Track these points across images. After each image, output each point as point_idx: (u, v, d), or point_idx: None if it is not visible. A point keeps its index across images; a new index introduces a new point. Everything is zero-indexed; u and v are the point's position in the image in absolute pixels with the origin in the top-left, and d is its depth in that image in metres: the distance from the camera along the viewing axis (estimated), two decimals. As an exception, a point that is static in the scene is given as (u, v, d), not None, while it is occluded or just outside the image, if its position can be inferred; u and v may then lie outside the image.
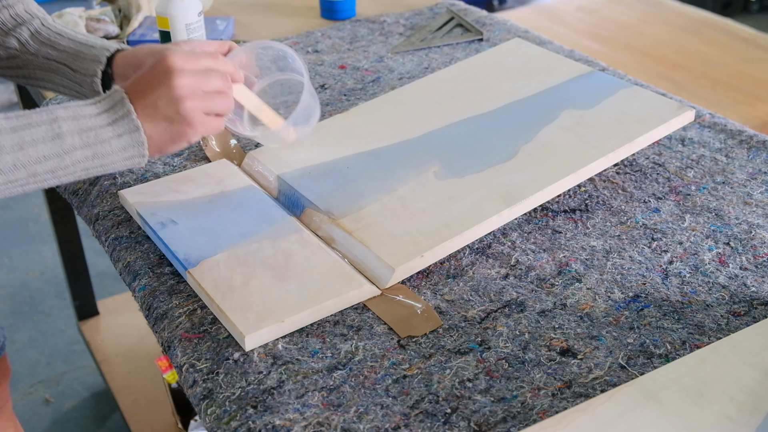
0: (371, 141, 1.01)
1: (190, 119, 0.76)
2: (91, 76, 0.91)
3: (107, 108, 0.75)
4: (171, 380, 1.51)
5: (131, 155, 0.76)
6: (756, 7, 4.06)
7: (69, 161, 0.73)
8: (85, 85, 0.92)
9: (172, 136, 0.77)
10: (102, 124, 0.74)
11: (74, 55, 0.92)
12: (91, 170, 0.75)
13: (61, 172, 0.74)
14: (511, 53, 1.19)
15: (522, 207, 0.88)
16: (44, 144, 0.72)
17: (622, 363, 0.73)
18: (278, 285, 0.81)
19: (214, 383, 0.72)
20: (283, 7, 1.59)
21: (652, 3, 2.65)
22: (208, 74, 0.77)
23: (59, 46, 0.93)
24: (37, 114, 0.73)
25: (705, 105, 1.48)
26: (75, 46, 0.93)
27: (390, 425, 0.67)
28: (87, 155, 0.74)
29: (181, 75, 0.76)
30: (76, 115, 0.74)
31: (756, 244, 0.88)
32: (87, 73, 0.91)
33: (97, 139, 0.74)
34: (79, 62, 0.92)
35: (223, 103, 0.79)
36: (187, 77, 0.76)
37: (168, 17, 1.06)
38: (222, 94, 0.78)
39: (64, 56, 0.93)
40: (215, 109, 0.78)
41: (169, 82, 0.75)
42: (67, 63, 0.92)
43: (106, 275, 2.27)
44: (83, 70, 0.91)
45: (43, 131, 0.72)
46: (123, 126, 0.75)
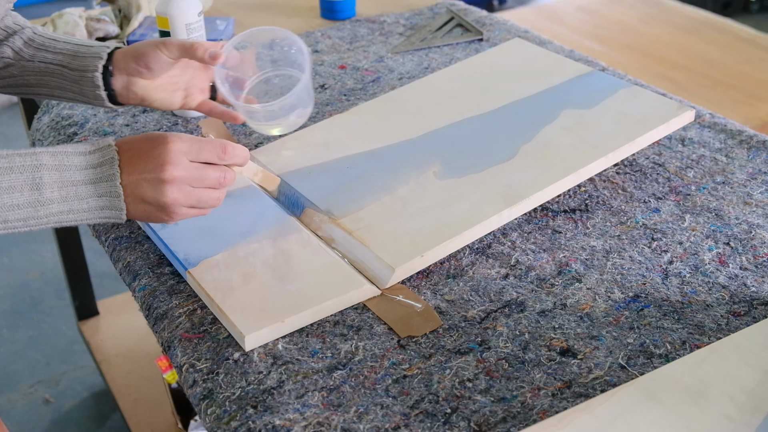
0: (371, 141, 1.01)
1: (169, 211, 0.76)
2: (92, 72, 0.90)
3: (94, 164, 0.75)
4: (171, 380, 1.51)
5: (107, 216, 0.76)
6: (756, 7, 4.06)
7: (43, 213, 0.73)
8: (85, 81, 0.91)
9: (148, 215, 0.77)
10: (84, 181, 0.74)
11: (72, 55, 0.92)
12: (64, 223, 0.75)
13: (32, 222, 0.73)
14: (511, 53, 1.19)
15: (522, 207, 0.88)
16: (21, 193, 0.71)
17: (622, 363, 0.73)
18: (278, 285, 0.81)
19: (214, 383, 0.72)
20: (283, 7, 1.59)
21: (652, 3, 2.65)
22: (204, 169, 0.77)
23: (55, 49, 0.93)
24: (21, 157, 0.72)
25: (705, 105, 1.48)
26: (72, 47, 0.93)
27: (390, 425, 0.67)
28: (62, 209, 0.73)
29: (175, 168, 0.75)
30: (61, 165, 0.73)
31: (756, 244, 0.88)
32: (87, 69, 0.90)
33: (77, 196, 0.73)
34: (77, 61, 0.91)
35: (210, 199, 0.78)
36: (179, 171, 0.75)
37: (168, 17, 1.06)
38: (212, 190, 0.78)
39: (61, 57, 0.92)
40: (200, 204, 0.78)
41: (160, 173, 0.74)
42: (65, 64, 0.92)
43: (106, 275, 2.27)
44: (82, 68, 0.91)
45: (24, 179, 0.71)
46: (105, 188, 0.74)
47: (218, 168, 0.78)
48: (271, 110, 0.89)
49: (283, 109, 0.88)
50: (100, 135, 1.11)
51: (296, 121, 0.93)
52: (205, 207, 0.79)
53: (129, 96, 0.93)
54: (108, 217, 0.76)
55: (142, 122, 1.14)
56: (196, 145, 0.77)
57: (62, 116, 1.17)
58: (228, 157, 0.78)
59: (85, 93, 0.92)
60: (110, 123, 1.14)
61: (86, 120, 1.15)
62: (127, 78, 0.91)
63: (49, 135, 1.15)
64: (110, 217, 0.76)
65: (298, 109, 0.91)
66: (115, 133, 1.11)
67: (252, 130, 1.11)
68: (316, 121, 1.12)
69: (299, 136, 1.04)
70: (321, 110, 1.17)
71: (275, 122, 0.92)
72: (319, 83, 1.25)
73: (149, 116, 1.16)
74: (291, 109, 0.90)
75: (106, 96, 0.92)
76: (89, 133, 1.11)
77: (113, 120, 1.14)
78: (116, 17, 1.42)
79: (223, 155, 0.78)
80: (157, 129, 1.12)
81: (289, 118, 0.91)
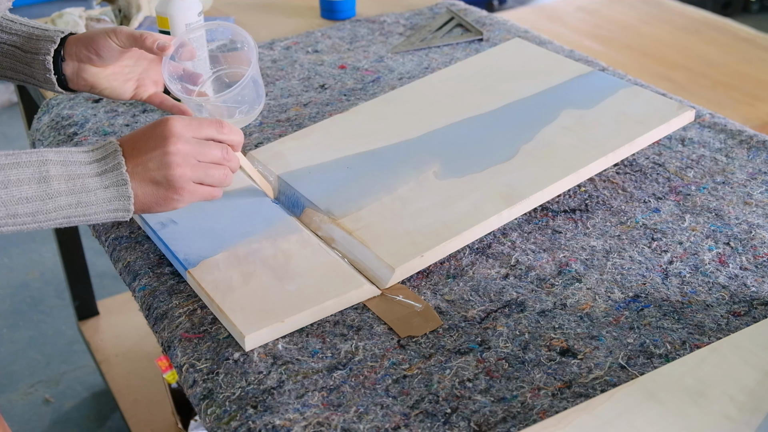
0: (371, 141, 1.01)
1: (177, 186, 0.76)
2: (43, 55, 0.91)
3: (98, 158, 0.75)
4: (171, 380, 1.51)
5: (116, 208, 0.75)
6: (756, 7, 4.06)
7: (52, 206, 0.73)
8: (36, 64, 0.91)
9: (157, 199, 0.77)
10: (90, 174, 0.74)
11: (26, 37, 0.92)
12: (72, 218, 0.74)
13: (41, 217, 0.73)
14: (511, 53, 1.19)
15: (522, 207, 0.88)
16: (29, 185, 0.72)
17: (622, 363, 0.73)
18: (278, 285, 0.81)
19: (214, 383, 0.72)
20: (283, 7, 1.59)
21: (652, 3, 2.65)
22: (207, 144, 0.77)
23: (10, 30, 0.93)
24: (27, 154, 0.73)
25: (705, 105, 1.48)
26: (27, 29, 0.93)
27: (390, 425, 0.67)
28: (71, 203, 0.73)
29: (178, 141, 0.75)
30: (66, 161, 0.74)
31: (756, 244, 0.88)
32: (39, 52, 0.91)
33: (84, 188, 0.73)
34: (31, 43, 0.92)
35: (217, 175, 0.78)
36: (183, 144, 0.76)
37: (168, 17, 1.06)
38: (218, 166, 0.78)
39: (15, 39, 0.93)
40: (208, 180, 0.78)
41: (164, 147, 0.75)
42: (18, 45, 0.92)
43: (106, 275, 2.27)
44: (35, 50, 0.91)
45: (31, 172, 0.72)
46: (111, 178, 0.74)
47: (220, 145, 0.79)
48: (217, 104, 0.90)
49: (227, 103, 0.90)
50: (100, 135, 1.11)
51: (245, 117, 0.94)
52: (213, 184, 0.79)
53: (79, 82, 0.93)
54: (116, 210, 0.75)
55: (142, 122, 1.14)
56: (195, 122, 0.78)
57: (62, 116, 1.17)
58: (226, 131, 0.79)
59: (35, 76, 0.92)
60: (110, 123, 1.14)
61: (86, 120, 1.15)
62: (77, 64, 0.92)
63: (49, 135, 1.15)
64: (118, 209, 0.75)
65: (246, 105, 0.92)
66: (115, 133, 1.11)
67: (252, 130, 1.11)
68: (316, 121, 1.13)
69: (299, 136, 1.04)
70: (321, 110, 1.17)
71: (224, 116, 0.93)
72: (319, 83, 1.25)
73: (149, 116, 1.16)
74: (239, 104, 0.91)
75: (56, 80, 0.92)
76: (89, 133, 1.11)
77: (113, 120, 1.15)
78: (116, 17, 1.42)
79: (222, 129, 0.79)
80: (157, 129, 1.12)
81: (236, 113, 0.92)
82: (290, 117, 1.15)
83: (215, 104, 0.91)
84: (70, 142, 1.10)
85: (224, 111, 0.92)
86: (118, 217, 0.76)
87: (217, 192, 0.80)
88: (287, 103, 1.19)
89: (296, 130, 1.10)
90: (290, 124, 1.13)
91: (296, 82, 1.26)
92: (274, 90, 1.23)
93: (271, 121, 1.14)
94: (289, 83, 1.25)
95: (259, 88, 0.92)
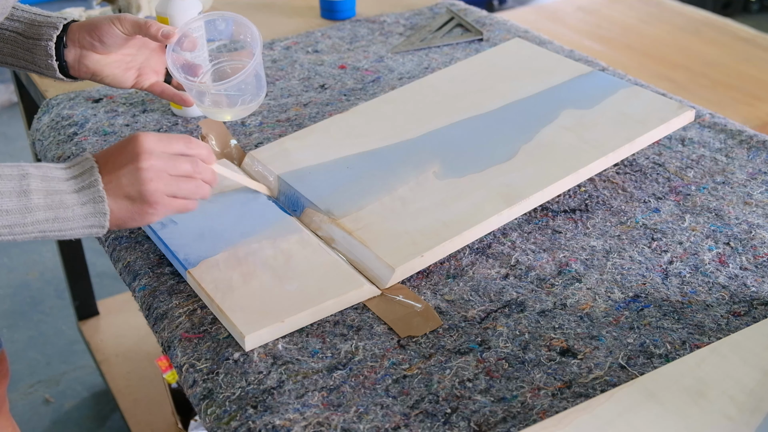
0: (371, 141, 1.01)
1: (151, 201, 0.76)
2: (45, 40, 0.91)
3: (76, 174, 0.75)
4: (171, 380, 1.51)
5: (91, 224, 0.75)
6: (756, 7, 4.06)
7: (30, 220, 0.73)
8: (38, 50, 0.91)
9: (132, 213, 0.77)
10: (68, 190, 0.74)
11: (28, 23, 0.92)
12: (47, 233, 0.75)
13: (18, 230, 0.73)
14: (511, 53, 1.19)
15: (522, 207, 0.88)
16: (9, 198, 0.72)
17: (622, 363, 0.73)
18: (278, 285, 0.81)
19: (214, 383, 0.72)
20: (283, 7, 1.59)
21: (652, 3, 2.65)
22: (177, 158, 0.78)
23: (12, 16, 0.93)
24: (8, 167, 0.73)
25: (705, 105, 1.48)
26: (29, 16, 0.93)
27: (390, 425, 0.67)
28: (48, 217, 0.73)
29: (150, 157, 0.76)
30: (46, 176, 0.74)
31: (756, 244, 0.88)
32: (41, 38, 0.91)
33: (62, 204, 0.74)
34: (33, 29, 0.92)
35: (189, 187, 0.79)
36: (154, 159, 0.76)
37: (168, 17, 1.06)
38: (189, 179, 0.79)
39: (17, 25, 0.93)
40: (180, 193, 0.78)
41: (136, 163, 0.75)
42: (20, 31, 0.92)
43: (106, 275, 2.27)
44: (37, 36, 0.91)
45: (12, 185, 0.72)
46: (88, 195, 0.75)
47: (189, 158, 0.79)
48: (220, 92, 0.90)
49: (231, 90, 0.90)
50: (100, 135, 1.11)
51: (246, 107, 0.94)
52: (187, 197, 0.79)
53: (80, 69, 0.93)
54: (92, 226, 0.76)
55: (142, 122, 1.14)
56: (165, 137, 0.78)
57: (62, 116, 1.17)
58: (194, 145, 0.80)
59: (37, 62, 0.92)
60: (110, 123, 1.14)
61: (86, 120, 1.15)
62: (80, 50, 0.92)
63: (49, 135, 1.15)
64: (93, 225, 0.76)
65: (247, 95, 0.92)
66: (115, 133, 1.11)
67: (252, 130, 1.11)
68: (316, 121, 1.13)
69: (299, 136, 1.04)
70: (321, 110, 1.17)
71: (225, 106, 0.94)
72: (319, 83, 1.25)
73: (149, 116, 1.16)
74: (240, 93, 0.91)
75: (57, 66, 0.92)
76: (89, 133, 1.11)
77: (113, 120, 1.15)
78: (116, 17, 1.42)
79: (190, 144, 0.80)
80: (157, 129, 1.12)
81: (238, 102, 0.92)
82: (290, 117, 1.15)
83: (217, 92, 0.91)
84: (70, 142, 1.10)
85: (225, 99, 0.92)
86: (92, 233, 0.77)
87: (191, 204, 0.80)
88: (287, 103, 1.19)
89: (296, 130, 1.10)
90: (290, 124, 1.13)
91: (296, 82, 1.26)
92: (274, 90, 1.23)
93: (271, 121, 1.14)
94: (289, 83, 1.25)
95: (261, 78, 0.92)
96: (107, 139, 1.10)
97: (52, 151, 1.11)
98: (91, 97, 1.21)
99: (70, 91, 1.23)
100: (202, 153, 0.80)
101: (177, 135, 0.80)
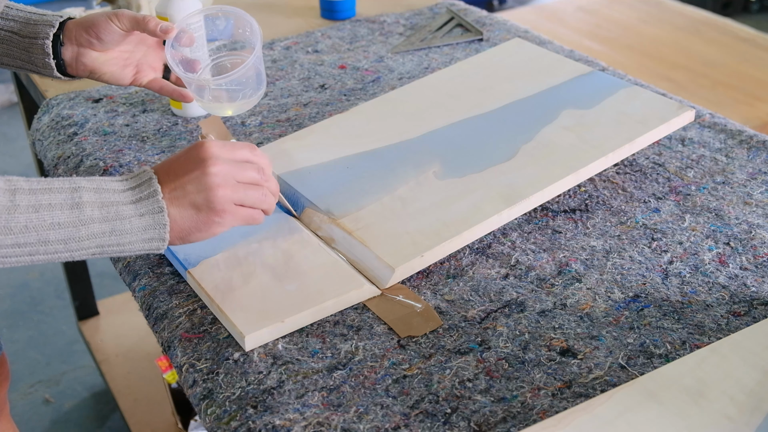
0: (371, 141, 1.01)
1: (219, 209, 0.73)
2: (42, 39, 0.90)
3: (133, 186, 0.72)
4: (171, 380, 1.51)
5: (151, 237, 0.72)
6: (756, 7, 4.06)
7: (85, 233, 0.69)
8: (34, 49, 0.91)
9: (197, 223, 0.74)
10: (125, 201, 0.71)
11: (24, 22, 0.92)
12: (106, 248, 0.71)
13: (74, 245, 0.70)
14: (511, 53, 1.19)
15: (522, 207, 0.88)
16: (61, 210, 0.68)
17: (622, 363, 0.73)
18: (278, 285, 0.81)
19: (214, 383, 0.72)
20: (283, 7, 1.59)
21: (652, 3, 2.65)
22: (243, 165, 0.76)
23: (7, 16, 0.93)
24: (59, 181, 0.70)
25: (705, 105, 1.48)
26: (25, 15, 0.92)
27: (390, 425, 0.67)
28: (104, 230, 0.70)
29: (216, 162, 0.73)
30: (99, 188, 0.71)
31: (756, 244, 0.88)
32: (38, 36, 0.90)
33: (118, 216, 0.70)
34: (29, 28, 0.91)
35: (256, 195, 0.76)
36: (222, 165, 0.74)
37: (168, 17, 1.06)
38: (256, 187, 0.76)
39: (12, 24, 0.92)
40: (247, 201, 0.75)
41: (204, 168, 0.73)
42: (16, 30, 0.91)
43: (106, 275, 2.27)
44: (33, 35, 0.90)
45: (63, 197, 0.69)
46: (147, 206, 0.71)
47: (255, 165, 0.77)
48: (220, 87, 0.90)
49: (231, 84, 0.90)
50: (100, 135, 1.11)
51: (247, 101, 0.94)
52: (253, 205, 0.77)
53: (78, 67, 0.93)
54: (151, 239, 0.72)
55: (142, 122, 1.14)
56: (229, 144, 0.76)
57: (62, 116, 1.17)
58: (258, 153, 0.78)
59: (34, 61, 0.92)
60: (110, 123, 1.14)
61: (86, 120, 1.15)
62: (77, 48, 0.92)
63: (49, 135, 1.15)
64: (153, 239, 0.72)
65: (247, 90, 0.92)
66: (115, 133, 1.11)
67: (252, 130, 1.11)
68: (316, 121, 1.13)
69: (299, 136, 1.04)
70: (321, 110, 1.17)
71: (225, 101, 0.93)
72: (319, 83, 1.25)
73: (149, 116, 1.16)
74: (240, 88, 0.91)
75: (55, 65, 0.92)
76: (89, 133, 1.11)
77: (113, 120, 1.15)
78: (116, 17, 1.42)
79: (255, 151, 0.78)
80: (157, 128, 1.12)
81: (238, 97, 0.92)
82: (290, 117, 1.15)
83: (217, 86, 0.91)
84: (70, 142, 1.10)
85: (226, 94, 0.92)
86: (152, 248, 0.73)
87: (258, 215, 0.78)
88: (287, 103, 1.19)
89: (296, 130, 1.10)
90: (290, 124, 1.13)
91: (296, 82, 1.26)
92: (274, 90, 1.23)
93: (271, 121, 1.14)
94: (289, 83, 1.25)
95: (261, 73, 0.92)
96: (107, 139, 1.10)
97: (52, 151, 1.11)
98: (91, 97, 1.21)
99: (70, 91, 1.23)
100: (266, 162, 0.78)
101: (240, 143, 0.78)
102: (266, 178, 0.78)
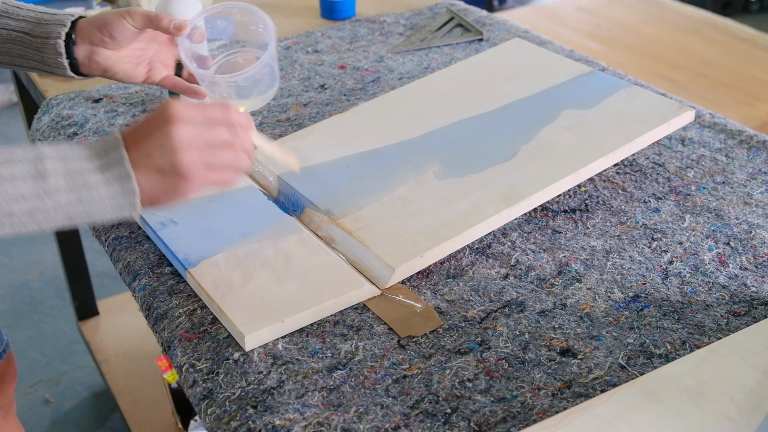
0: (371, 141, 1.01)
1: (185, 172, 0.70)
2: (54, 39, 0.89)
3: (99, 152, 0.70)
4: (171, 380, 1.51)
5: (120, 204, 0.69)
6: (756, 7, 4.06)
7: (50, 204, 0.67)
8: (47, 49, 0.90)
9: (165, 188, 0.70)
10: (91, 169, 0.68)
11: (35, 22, 0.91)
12: (75, 217, 0.68)
13: (40, 216, 0.67)
14: (511, 53, 1.19)
15: (522, 207, 0.88)
16: (24, 182, 0.66)
17: (622, 363, 0.73)
18: (278, 285, 0.81)
19: (214, 383, 0.72)
20: (283, 7, 1.59)
21: (652, 3, 2.65)
22: (212, 125, 0.71)
23: (18, 16, 0.92)
24: (21, 150, 0.68)
25: (705, 105, 1.48)
26: (36, 15, 0.92)
27: (390, 425, 0.67)
28: (71, 200, 0.67)
29: (180, 124, 0.70)
30: (64, 156, 0.68)
31: (756, 244, 0.88)
32: (50, 36, 0.90)
33: (84, 184, 0.68)
34: (41, 28, 0.90)
35: (227, 156, 0.72)
36: (186, 126, 0.70)
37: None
38: (228, 147, 0.72)
39: (24, 25, 0.91)
40: (216, 163, 0.72)
41: (166, 131, 0.69)
42: (27, 31, 0.91)
43: (106, 275, 2.27)
44: (45, 35, 0.90)
45: (25, 168, 0.66)
46: (113, 172, 0.68)
47: (227, 124, 0.72)
48: (233, 83, 0.90)
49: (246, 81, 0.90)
50: (100, 135, 1.11)
51: (261, 97, 0.94)
52: (224, 168, 0.73)
53: (91, 66, 0.92)
54: (122, 206, 0.70)
55: (142, 122, 1.14)
56: (198, 105, 0.73)
57: (62, 116, 1.17)
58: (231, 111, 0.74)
59: (47, 61, 0.91)
60: (110, 123, 1.14)
61: (86, 120, 1.15)
62: (90, 47, 0.91)
63: (49, 135, 1.15)
64: (123, 206, 0.70)
65: (261, 86, 0.92)
66: (115, 133, 1.11)
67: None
68: (316, 121, 1.13)
69: (299, 136, 1.04)
70: (321, 110, 1.17)
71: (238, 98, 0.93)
72: (319, 83, 1.25)
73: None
74: (254, 84, 0.91)
75: (68, 64, 0.91)
76: (89, 133, 1.11)
77: (113, 120, 1.15)
78: (116, 17, 1.41)
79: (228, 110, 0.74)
80: (157, 129, 1.12)
81: (252, 94, 0.92)
82: (290, 117, 1.15)
83: (231, 83, 0.90)
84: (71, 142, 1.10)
85: (239, 91, 0.92)
86: (124, 214, 0.70)
87: (230, 178, 0.74)
88: (287, 103, 1.19)
89: (296, 130, 1.10)
90: (290, 124, 1.13)
91: (296, 82, 1.26)
92: (274, 90, 1.23)
93: (271, 121, 1.14)
94: (289, 83, 1.25)
95: (274, 70, 0.92)
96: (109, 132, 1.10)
97: (52, 151, 1.11)
98: (91, 97, 1.21)
99: (70, 91, 1.23)
100: (241, 119, 0.74)
101: (211, 103, 0.74)
102: (240, 138, 0.73)
